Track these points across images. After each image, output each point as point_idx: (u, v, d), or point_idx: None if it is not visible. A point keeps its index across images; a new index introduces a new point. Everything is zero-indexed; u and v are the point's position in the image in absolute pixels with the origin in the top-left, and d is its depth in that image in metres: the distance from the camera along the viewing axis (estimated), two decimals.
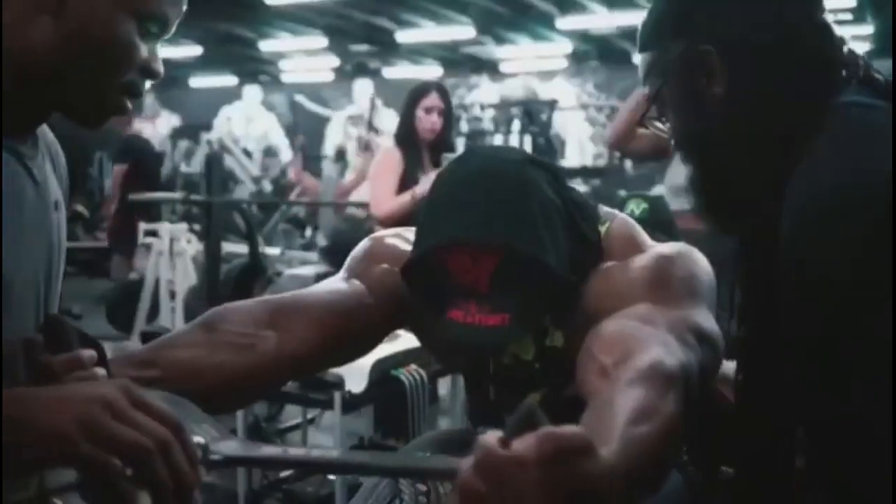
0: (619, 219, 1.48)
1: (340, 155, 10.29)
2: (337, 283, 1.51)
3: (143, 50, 1.03)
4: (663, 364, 1.09)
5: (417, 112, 3.75)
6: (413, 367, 2.81)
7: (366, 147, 8.89)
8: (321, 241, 8.13)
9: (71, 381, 0.98)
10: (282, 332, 1.37)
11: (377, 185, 3.87)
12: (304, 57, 15.63)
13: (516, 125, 9.30)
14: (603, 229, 1.45)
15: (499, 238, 1.30)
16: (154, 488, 0.81)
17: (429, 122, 3.75)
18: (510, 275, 1.31)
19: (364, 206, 7.78)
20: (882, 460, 0.94)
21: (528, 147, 8.91)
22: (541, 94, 14.38)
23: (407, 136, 3.79)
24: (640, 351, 1.11)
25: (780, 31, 1.13)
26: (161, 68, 1.06)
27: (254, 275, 5.83)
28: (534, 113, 9.06)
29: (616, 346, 1.16)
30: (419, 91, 3.81)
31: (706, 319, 1.27)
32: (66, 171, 1.16)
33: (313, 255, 7.25)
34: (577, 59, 14.82)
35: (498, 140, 10.94)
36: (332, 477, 2.95)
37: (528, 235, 1.30)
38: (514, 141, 9.48)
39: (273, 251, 7.14)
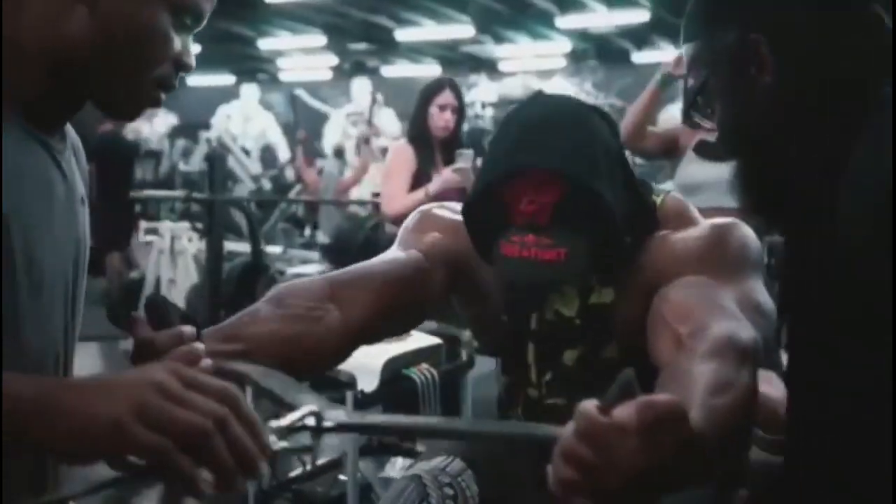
0: (673, 194, 1.53)
1: (339, 153, 10.28)
2: (393, 253, 1.55)
3: (177, 43, 1.02)
4: (739, 338, 1.14)
5: (431, 109, 3.71)
6: (424, 366, 2.78)
7: (365, 140, 8.86)
8: (321, 239, 8.11)
9: (173, 355, 1.04)
10: (344, 305, 1.41)
11: (390, 182, 3.82)
12: (302, 55, 15.62)
13: None
14: (658, 200, 1.49)
15: (566, 168, 1.34)
16: (216, 466, 0.79)
17: (442, 119, 3.71)
18: (571, 209, 1.34)
19: (365, 203, 7.78)
20: None
21: None
22: None
23: (420, 134, 3.75)
24: (714, 323, 1.17)
25: (830, 19, 1.10)
26: (193, 62, 1.05)
27: (256, 273, 5.80)
28: None
29: (689, 316, 1.23)
30: (432, 88, 3.76)
31: (762, 292, 1.32)
32: (86, 167, 1.15)
33: (314, 254, 7.23)
34: (575, 58, 14.82)
35: None
36: (343, 477, 2.92)
37: (593, 173, 1.34)
38: None
39: (274, 250, 7.11)
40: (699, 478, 0.90)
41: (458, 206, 1.50)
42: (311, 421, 0.98)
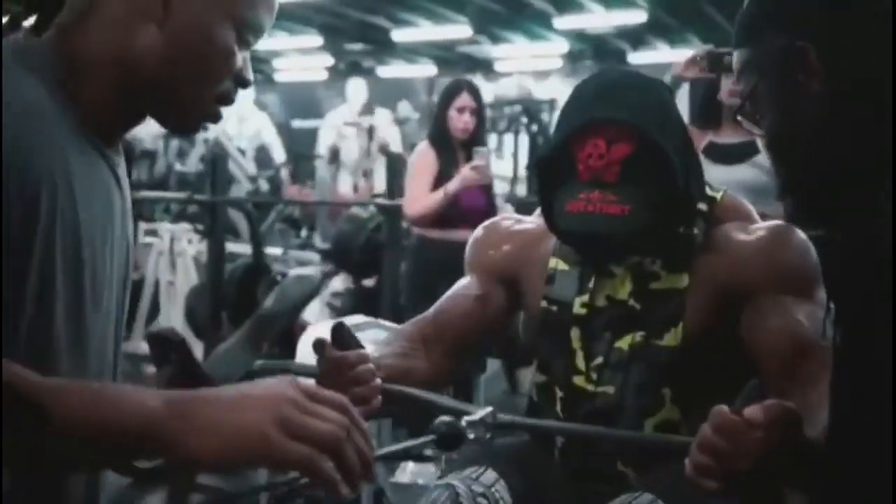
0: (730, 192, 1.61)
1: (334, 156, 10.23)
2: (462, 282, 1.71)
3: (239, 58, 1.03)
4: None
5: (450, 112, 3.78)
6: None
7: (364, 174, 8.98)
8: (317, 240, 8.08)
9: (356, 373, 1.34)
10: (427, 347, 1.62)
11: (412, 185, 3.90)
12: (298, 56, 15.56)
13: (516, 124, 9.22)
14: (718, 195, 1.56)
15: (637, 122, 1.41)
16: (346, 472, 0.83)
17: (461, 121, 3.78)
18: (639, 167, 1.40)
19: (365, 205, 7.75)
20: None
21: (525, 147, 8.86)
22: (535, 93, 14.34)
23: (440, 136, 3.83)
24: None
25: (876, 25, 1.09)
26: (252, 77, 1.07)
27: (258, 275, 5.76)
28: (533, 112, 8.99)
29: (809, 352, 1.36)
30: (451, 90, 3.84)
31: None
32: (127, 179, 1.15)
33: (314, 256, 7.20)
34: (572, 58, 14.79)
35: (493, 139, 10.90)
36: None
37: (662, 132, 1.41)
38: (509, 140, 9.42)
39: (274, 251, 7.08)
40: (802, 479, 1.11)
41: (520, 216, 1.61)
42: (490, 419, 1.30)
